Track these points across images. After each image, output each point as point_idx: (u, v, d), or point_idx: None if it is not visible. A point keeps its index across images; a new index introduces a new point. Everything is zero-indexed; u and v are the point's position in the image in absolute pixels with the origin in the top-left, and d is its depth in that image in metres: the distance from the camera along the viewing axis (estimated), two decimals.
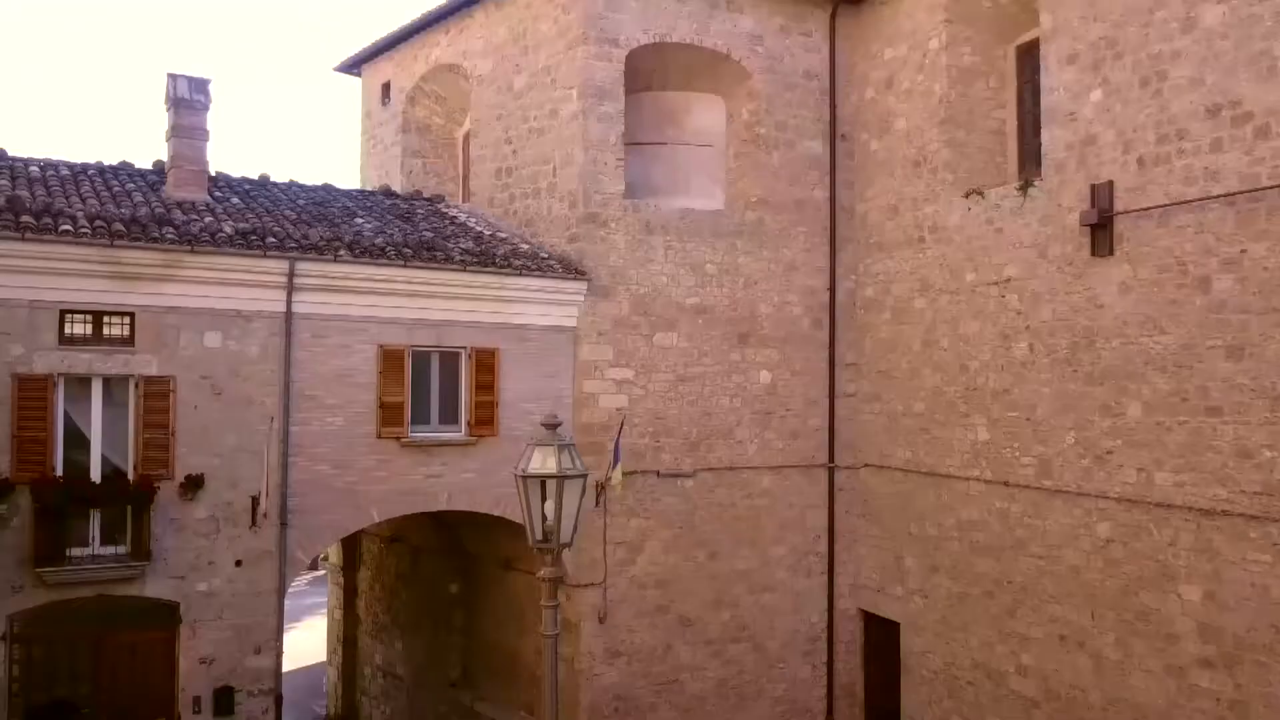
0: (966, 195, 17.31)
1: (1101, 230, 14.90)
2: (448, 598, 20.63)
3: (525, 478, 7.13)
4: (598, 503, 17.21)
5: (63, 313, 14.03)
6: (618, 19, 17.64)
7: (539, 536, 7.17)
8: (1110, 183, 14.76)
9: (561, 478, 7.01)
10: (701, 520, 18.41)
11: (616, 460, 16.84)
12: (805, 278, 19.42)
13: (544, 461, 7.05)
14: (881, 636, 19.14)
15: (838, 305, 19.59)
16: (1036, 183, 16.11)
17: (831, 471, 19.53)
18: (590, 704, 17.36)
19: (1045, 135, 15.97)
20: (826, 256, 19.57)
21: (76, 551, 13.94)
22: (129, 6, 69.65)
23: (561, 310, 17.42)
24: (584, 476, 7.28)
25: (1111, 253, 14.79)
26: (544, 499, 7.06)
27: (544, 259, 17.42)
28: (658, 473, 17.98)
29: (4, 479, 13.53)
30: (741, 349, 18.83)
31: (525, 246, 17.90)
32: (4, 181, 15.28)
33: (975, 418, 16.99)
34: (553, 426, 7.29)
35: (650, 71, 18.70)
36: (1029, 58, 17.34)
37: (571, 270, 17.34)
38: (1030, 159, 17.25)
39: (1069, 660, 15.32)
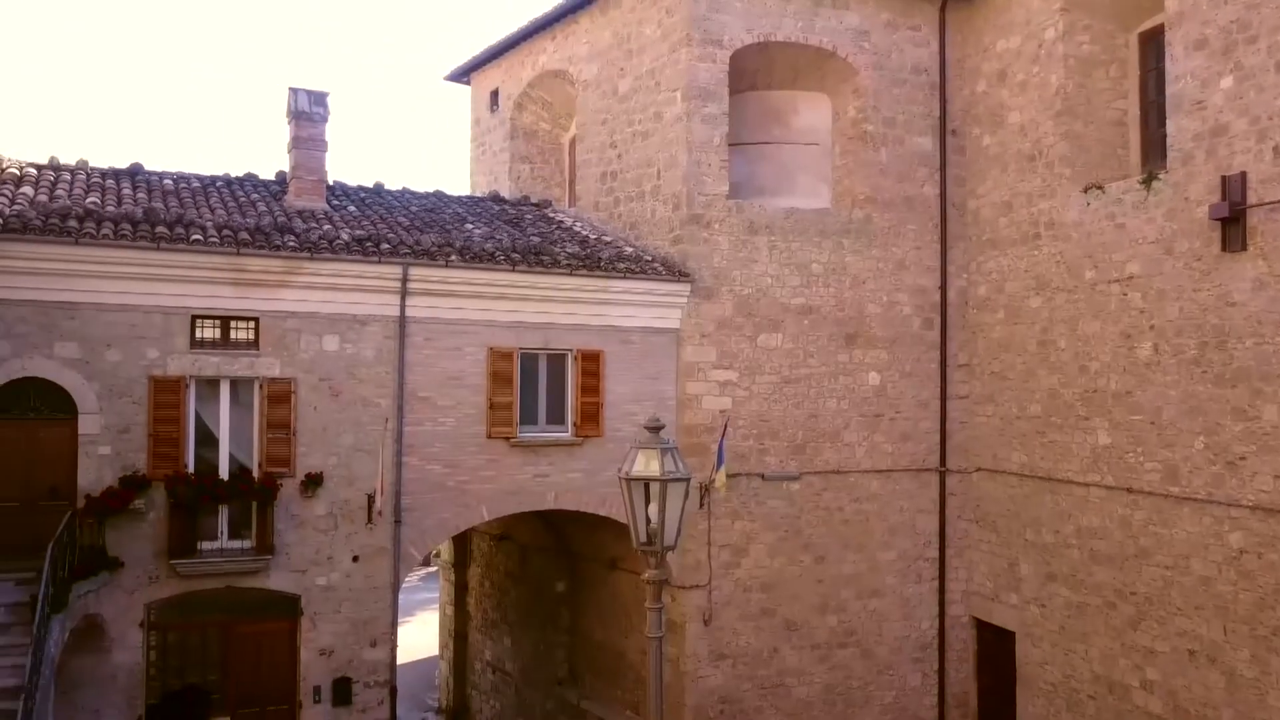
0: (1085, 190, 16.66)
1: (1233, 224, 14.13)
2: (555, 596, 20.93)
3: (629, 480, 7.18)
4: (702, 505, 17.20)
5: (194, 318, 14.80)
6: (721, 20, 17.60)
7: (643, 539, 7.21)
8: (1243, 174, 13.99)
9: (665, 481, 7.04)
10: (808, 524, 18.21)
11: (720, 462, 16.80)
12: (915, 277, 19.01)
13: (647, 464, 7.08)
14: (995, 645, 18.58)
15: (949, 305, 19.11)
16: (1161, 175, 15.39)
17: (943, 475, 19.05)
18: (695, 706, 17.36)
19: (1171, 125, 15.24)
20: (937, 255, 19.11)
21: (206, 545, 14.69)
22: (252, 23, 72.94)
23: (665, 312, 17.48)
24: (687, 480, 7.29)
25: (1244, 248, 14.02)
26: (647, 502, 7.10)
27: (647, 261, 17.51)
28: (762, 475, 17.86)
29: (141, 475, 14.34)
30: (849, 350, 18.54)
31: (629, 249, 18.03)
32: (141, 195, 16.20)
33: (1095, 421, 16.33)
34: (655, 430, 7.32)
35: (754, 71, 18.59)
36: (1152, 45, 16.58)
37: (675, 272, 17.38)
38: (1154, 151, 16.49)
39: (1199, 676, 14.58)
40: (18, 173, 16.15)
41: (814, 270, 18.33)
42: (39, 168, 16.65)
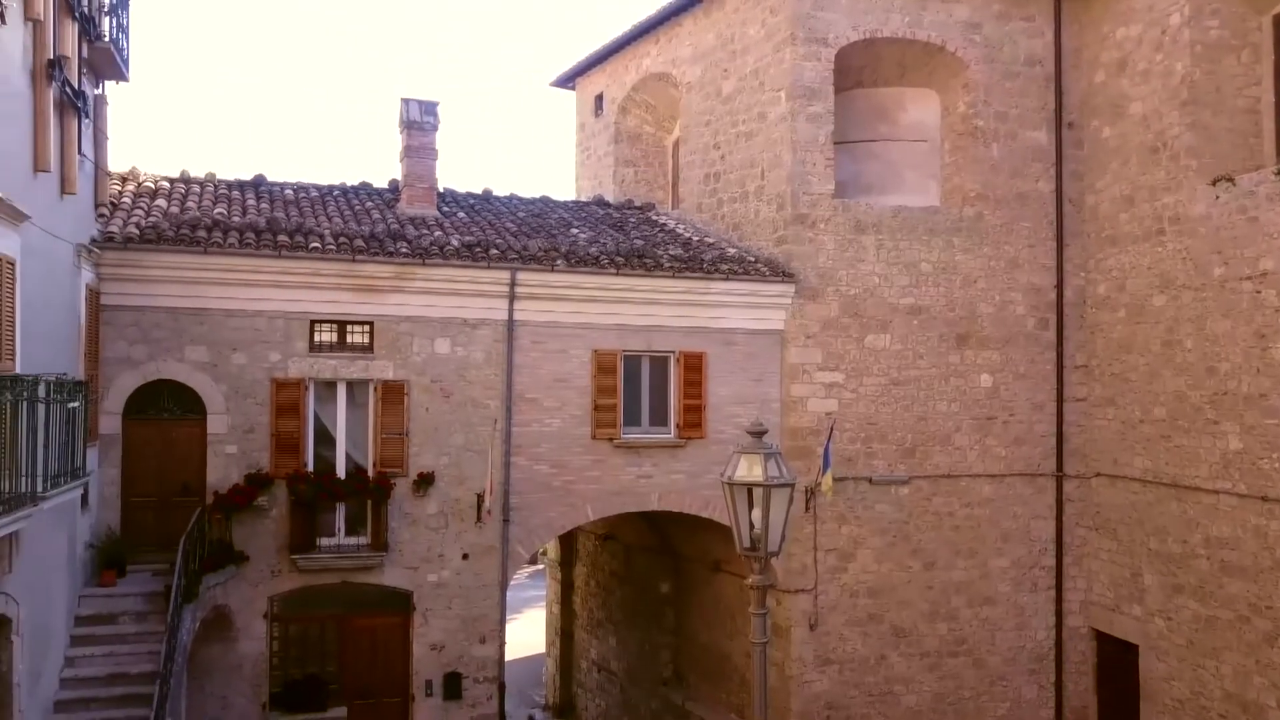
0: (1214, 182, 15.82)
1: None
2: (659, 596, 21.01)
3: (732, 485, 7.16)
4: (807, 508, 17.02)
5: (312, 322, 15.40)
6: (826, 18, 17.38)
7: (746, 544, 7.18)
8: None
9: (768, 486, 6.99)
10: (917, 529, 17.82)
11: (826, 466, 16.59)
12: (1029, 275, 18.40)
13: (750, 469, 7.05)
14: (1117, 658, 17.82)
15: (1066, 304, 18.44)
16: None
17: (1059, 480, 18.39)
18: (801, 711, 17.18)
19: None
20: (1053, 252, 18.46)
21: (324, 541, 15.26)
22: (366, 34, 75.43)
23: (768, 313, 17.36)
24: (791, 485, 7.22)
25: None
26: (751, 507, 7.06)
27: (751, 262, 17.42)
28: (870, 479, 17.56)
29: (265, 473, 15.00)
30: (960, 351, 18.07)
31: (732, 251, 17.98)
32: (264, 205, 16.96)
33: (1226, 425, 15.50)
34: (759, 434, 7.28)
35: (860, 68, 18.30)
36: None
37: (779, 272, 17.25)
38: None
39: None
40: (153, 186, 17.10)
41: (923, 269, 17.93)
42: (171, 181, 17.60)
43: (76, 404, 10.15)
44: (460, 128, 66.39)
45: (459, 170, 70.40)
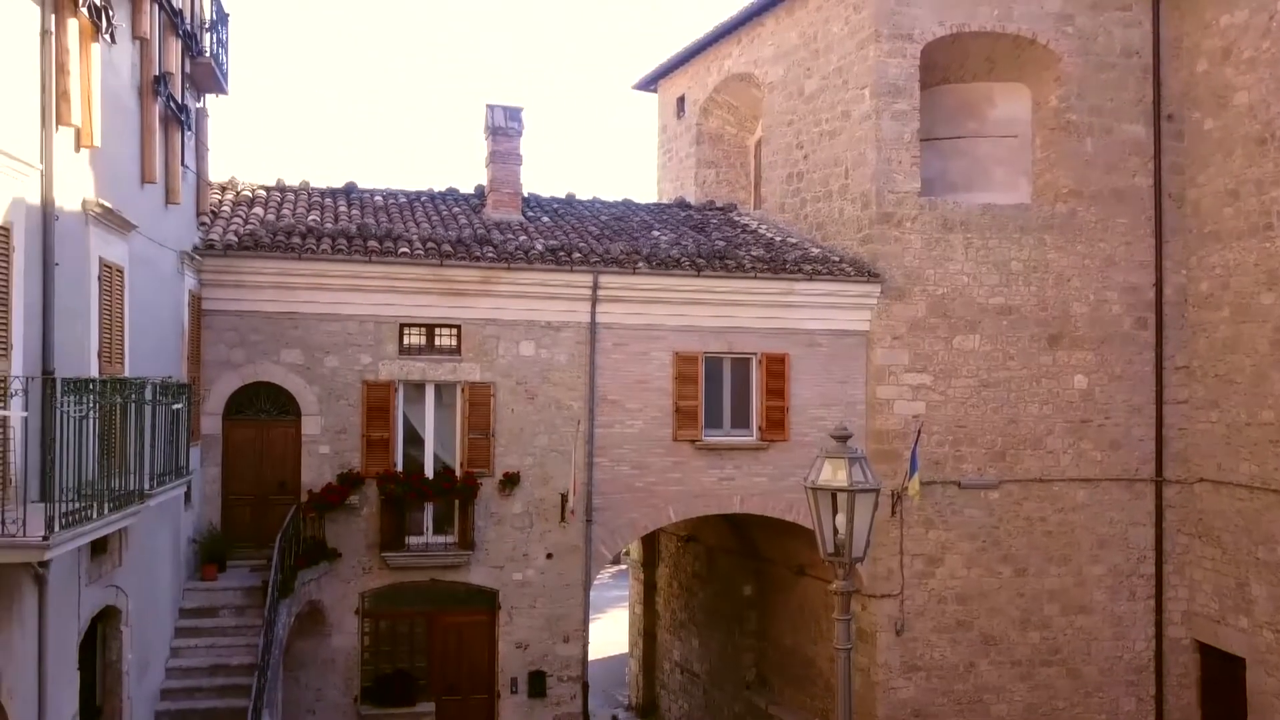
0: None
1: None
2: (742, 599, 20.91)
3: (815, 490, 7.09)
4: (893, 512, 16.75)
5: (401, 325, 15.77)
6: (911, 13, 17.08)
7: (830, 549, 7.09)
8: None
9: (853, 491, 6.90)
10: (1007, 534, 17.38)
11: (913, 469, 16.30)
12: (1126, 273, 17.78)
13: (834, 474, 6.96)
14: (1222, 671, 17.09)
15: (1165, 302, 17.76)
16: None
17: (1159, 486, 17.72)
18: (886, 718, 16.91)
19: None
20: (1151, 249, 17.80)
21: (413, 540, 15.60)
22: (450, 41, 76.86)
23: (853, 314, 17.14)
24: (876, 491, 7.11)
25: None
26: (835, 512, 6.99)
27: (835, 262, 17.23)
28: (958, 483, 17.19)
29: (356, 473, 15.41)
30: (1052, 352, 17.57)
31: (816, 251, 17.80)
32: (355, 211, 17.43)
33: None
34: (843, 439, 7.19)
35: (946, 64, 17.93)
36: None
37: (864, 272, 17.02)
38: None
39: None
40: (250, 195, 17.73)
41: (1013, 268, 17.48)
42: (268, 189, 18.21)
43: (180, 406, 10.58)
44: (544, 132, 67.14)
45: (543, 174, 71.25)
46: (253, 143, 55.18)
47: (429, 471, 15.84)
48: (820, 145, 18.68)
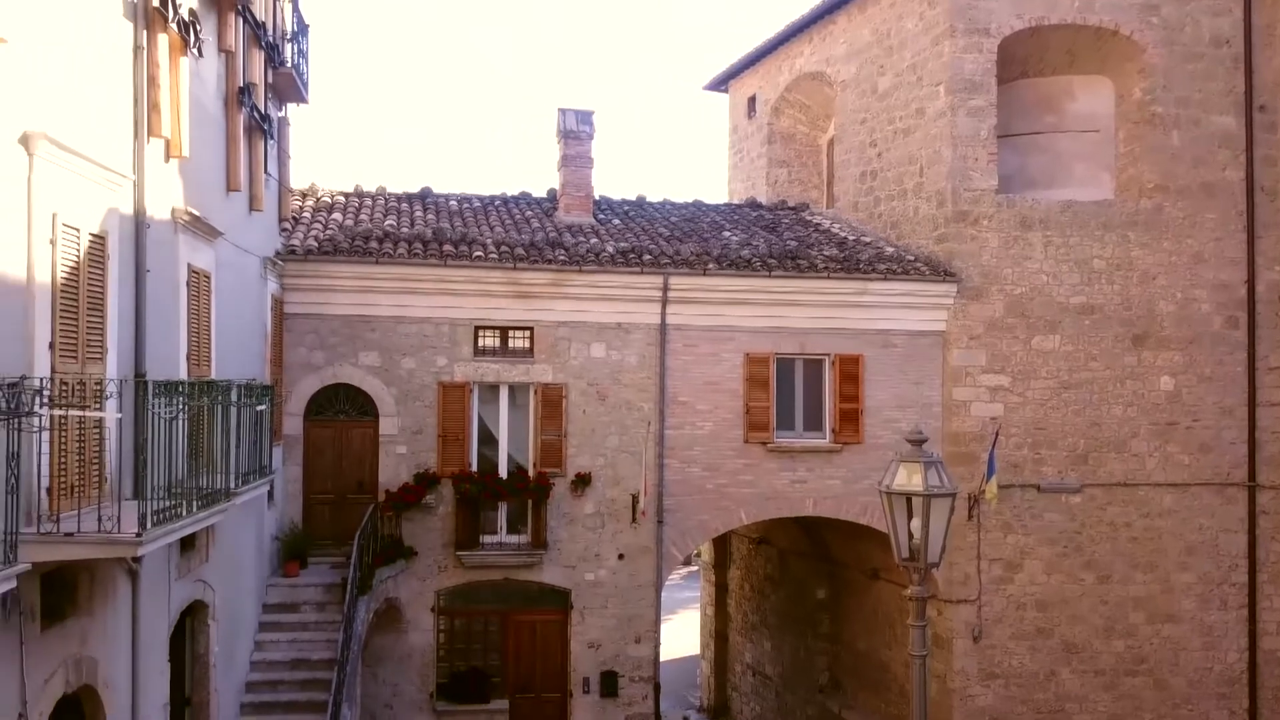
0: None
1: None
2: (814, 602, 20.72)
3: (890, 494, 6.99)
4: (970, 516, 16.43)
5: (476, 328, 16.00)
6: (988, 7, 16.74)
7: (904, 555, 6.99)
8: None
9: (928, 496, 6.79)
10: (1090, 540, 16.91)
11: (991, 472, 15.97)
12: (1215, 270, 17.16)
13: (909, 478, 6.85)
14: None
15: (1258, 300, 17.09)
16: None
17: (1252, 491, 17.06)
18: None
19: None
20: (1242, 245, 17.16)
21: (487, 539, 15.82)
22: (520, 45, 77.71)
23: (928, 314, 16.86)
24: (953, 495, 6.99)
25: None
26: (910, 516, 6.88)
27: (909, 261, 16.97)
28: (1038, 487, 16.78)
29: (432, 473, 15.69)
30: (1137, 352, 17.04)
31: (890, 250, 17.56)
32: (431, 216, 17.74)
33: None
34: (918, 442, 7.08)
35: (1025, 58, 17.53)
36: None
37: (939, 272, 16.73)
38: None
39: None
40: (329, 200, 18.17)
41: (1095, 266, 17.01)
42: (346, 195, 18.64)
43: (264, 407, 10.90)
44: (616, 135, 67.47)
45: (614, 176, 71.55)
46: (331, 149, 56.54)
47: (503, 471, 16.04)
48: (894, 143, 18.42)
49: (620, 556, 16.23)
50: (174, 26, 9.13)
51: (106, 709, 8.09)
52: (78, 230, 7.38)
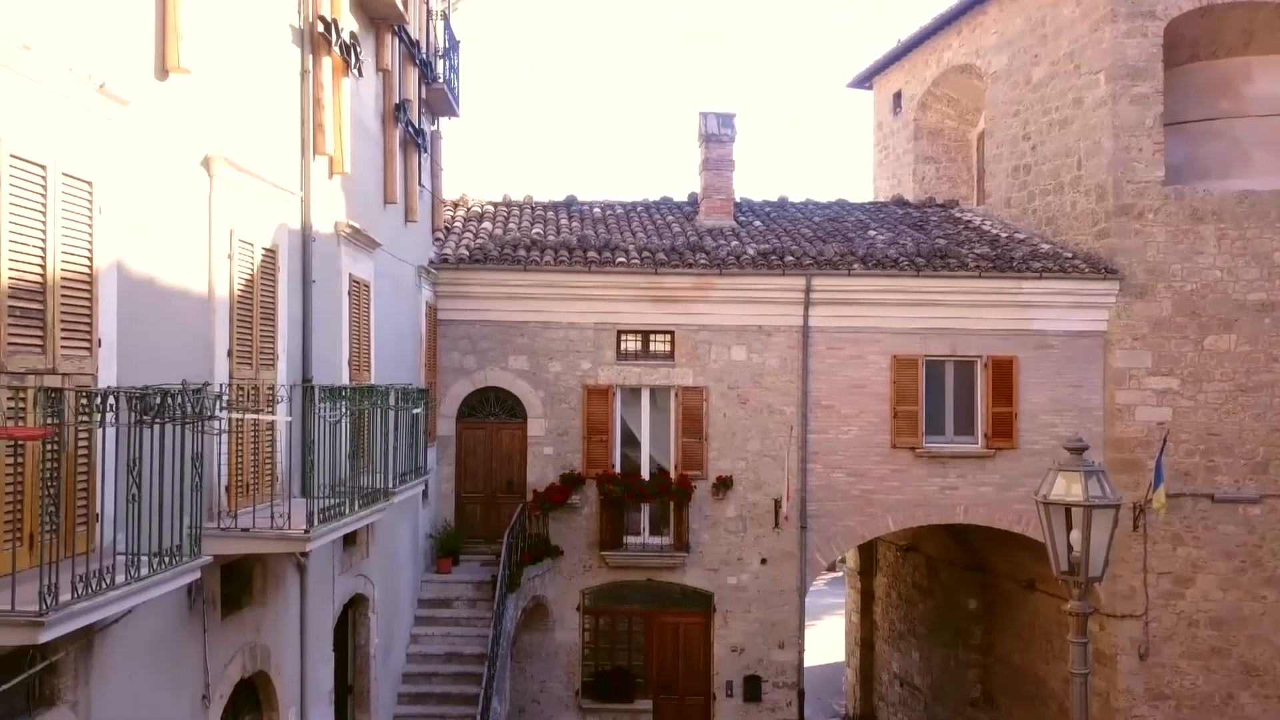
0: None
1: None
2: (966, 613, 20.04)
3: (1047, 504, 6.69)
4: (1135, 526, 15.55)
5: (619, 332, 16.23)
6: None
7: (1063, 568, 6.66)
8: None
9: (1089, 508, 6.46)
10: (1271, 554, 15.74)
11: (1158, 481, 15.07)
12: None
13: (1069, 488, 6.53)
14: None
15: None
16: None
17: None
18: None
19: None
20: None
21: (630, 539, 16.02)
22: (661, 49, 78.20)
23: (1088, 314, 16.05)
24: (1116, 507, 6.63)
25: None
26: (1069, 528, 6.57)
27: (1067, 259, 16.21)
28: (1211, 496, 15.73)
29: (577, 473, 16.00)
30: None
31: (1046, 247, 16.82)
32: (575, 223, 18.11)
33: None
34: (1078, 450, 6.74)
35: (1194, 40, 16.47)
36: None
37: (1100, 269, 15.91)
38: None
39: None
40: (479, 210, 18.80)
41: (1276, 260, 15.83)
42: (495, 205, 19.24)
43: (420, 410, 11.36)
44: (757, 135, 67.09)
45: (756, 177, 71.20)
46: (480, 159, 58.40)
47: (645, 473, 16.20)
48: (1050, 135, 17.63)
49: (763, 561, 16.13)
50: (336, 50, 9.64)
51: (278, 694, 8.61)
52: (252, 245, 7.89)
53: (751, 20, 77.28)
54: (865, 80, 25.06)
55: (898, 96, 23.58)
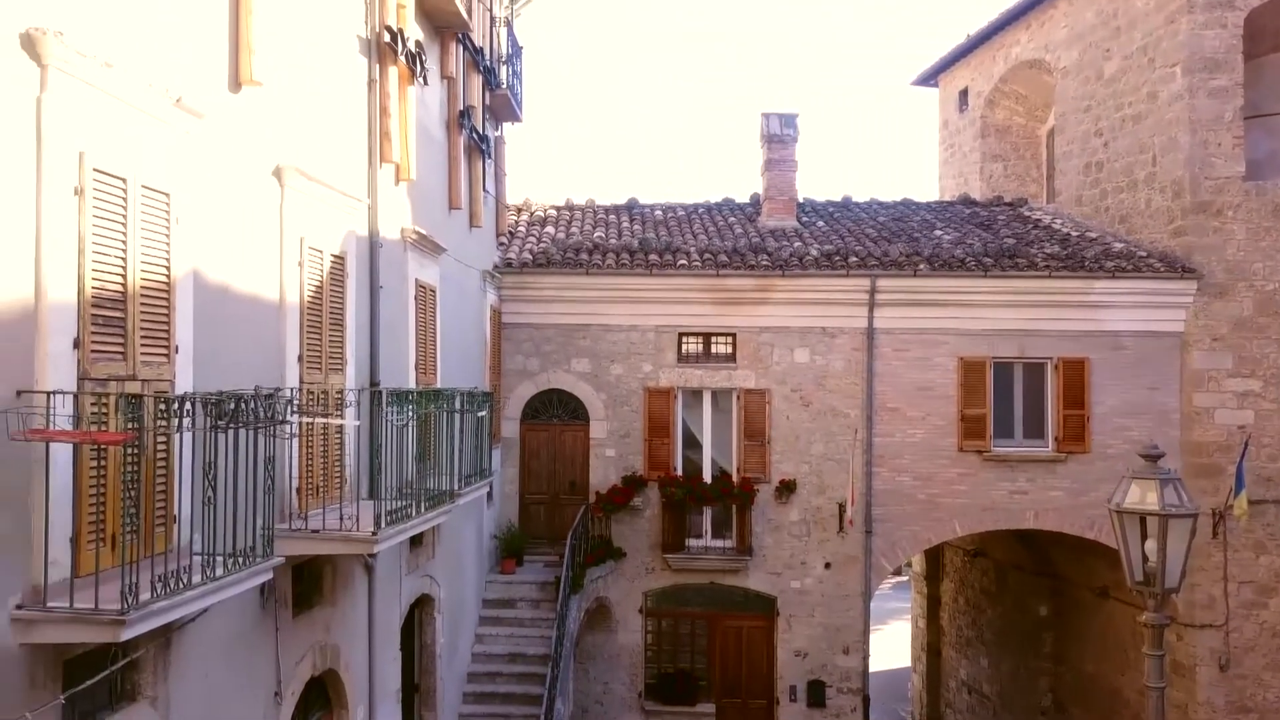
0: None
1: None
2: (1036, 620, 19.59)
3: (1121, 513, 6.51)
4: (1215, 534, 15.06)
5: (680, 334, 16.22)
6: None
7: (1138, 578, 6.47)
8: None
9: (1165, 516, 6.26)
10: None
11: (1239, 486, 14.57)
12: None
13: (1143, 496, 6.34)
14: None
15: None
16: None
17: None
18: None
19: None
20: None
21: (693, 542, 16.00)
22: (724, 49, 77.96)
23: (1164, 314, 15.60)
24: (1193, 516, 6.42)
25: None
26: (1144, 537, 6.38)
27: (1141, 258, 15.77)
28: None
29: (639, 476, 16.03)
30: None
31: (1118, 246, 16.38)
32: (637, 226, 18.15)
33: None
34: (1153, 458, 6.55)
35: (1277, 30, 15.89)
36: None
37: (1176, 268, 15.44)
38: None
39: None
40: (542, 215, 18.95)
41: None
42: (558, 209, 19.37)
43: (484, 413, 11.49)
44: (821, 135, 66.50)
45: (820, 177, 70.53)
46: (543, 163, 58.86)
47: (707, 476, 16.16)
48: (1122, 131, 17.17)
49: (827, 565, 15.98)
50: (402, 59, 9.80)
51: (347, 692, 8.78)
52: (321, 252, 8.06)
53: (814, 19, 76.68)
54: (930, 78, 24.68)
55: (964, 94, 23.18)
